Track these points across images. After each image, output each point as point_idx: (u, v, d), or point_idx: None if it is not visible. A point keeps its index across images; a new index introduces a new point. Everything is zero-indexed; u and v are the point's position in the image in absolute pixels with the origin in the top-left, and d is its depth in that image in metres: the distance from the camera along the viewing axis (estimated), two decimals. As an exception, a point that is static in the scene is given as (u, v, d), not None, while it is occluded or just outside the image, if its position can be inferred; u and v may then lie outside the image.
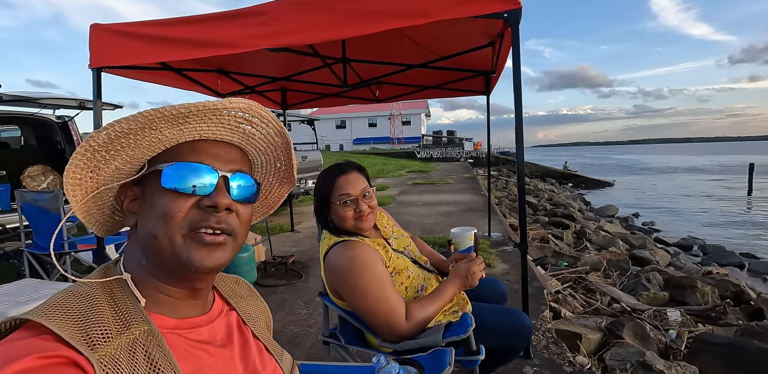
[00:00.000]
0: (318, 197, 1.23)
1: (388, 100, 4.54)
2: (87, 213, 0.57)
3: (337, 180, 1.23)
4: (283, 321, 2.54)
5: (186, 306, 0.57)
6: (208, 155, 0.55)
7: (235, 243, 0.56)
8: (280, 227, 5.57)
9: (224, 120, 0.54)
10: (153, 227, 0.52)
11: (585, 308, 3.66)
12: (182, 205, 0.52)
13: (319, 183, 1.24)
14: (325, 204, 1.21)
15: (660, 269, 5.27)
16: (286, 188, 0.72)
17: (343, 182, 1.22)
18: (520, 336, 1.19)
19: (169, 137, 0.53)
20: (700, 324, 3.51)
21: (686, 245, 8.52)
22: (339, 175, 1.23)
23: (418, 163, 24.20)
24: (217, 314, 0.62)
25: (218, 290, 0.67)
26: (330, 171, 1.25)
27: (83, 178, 0.53)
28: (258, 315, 0.70)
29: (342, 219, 1.20)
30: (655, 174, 31.51)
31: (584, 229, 7.69)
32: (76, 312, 0.46)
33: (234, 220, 0.55)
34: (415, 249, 1.42)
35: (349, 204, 1.21)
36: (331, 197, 1.21)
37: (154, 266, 0.54)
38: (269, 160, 0.66)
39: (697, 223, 11.31)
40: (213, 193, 0.53)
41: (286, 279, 3.39)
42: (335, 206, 1.21)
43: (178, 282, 0.55)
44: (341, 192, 1.21)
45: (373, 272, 1.08)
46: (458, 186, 11.10)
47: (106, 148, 0.51)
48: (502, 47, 2.65)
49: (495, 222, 5.05)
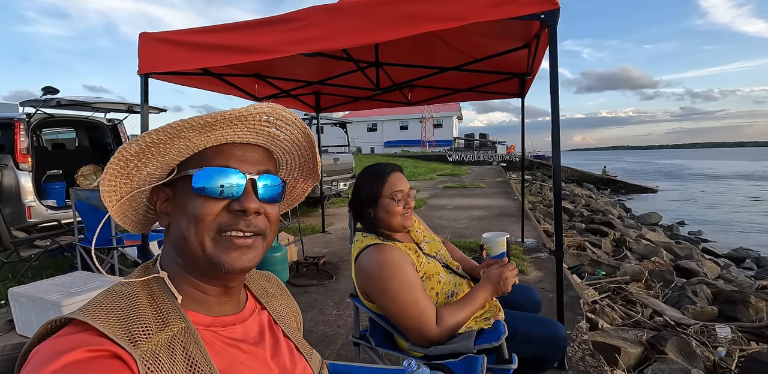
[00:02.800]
0: (365, 192, 1.24)
1: (420, 103, 4.54)
2: (123, 215, 0.60)
3: (391, 176, 1.26)
4: (314, 321, 2.58)
5: (220, 304, 0.59)
6: (234, 158, 0.56)
7: (265, 242, 0.58)
8: (311, 228, 5.67)
9: (249, 124, 0.55)
10: (185, 229, 0.54)
11: (624, 320, 3.49)
12: (212, 208, 0.54)
13: (367, 179, 1.26)
14: (373, 200, 1.23)
15: (708, 282, 4.96)
16: (310, 183, 0.73)
17: (396, 179, 1.26)
18: (554, 346, 1.15)
19: (197, 143, 0.55)
20: (753, 342, 3.27)
21: (738, 257, 7.95)
22: (391, 171, 1.27)
23: (449, 167, 23.96)
24: (250, 313, 0.64)
25: (250, 289, 0.69)
26: (380, 168, 1.28)
27: (118, 184, 0.55)
28: (288, 315, 0.72)
29: (392, 215, 1.22)
30: (704, 180, 29.62)
31: (624, 237, 7.35)
32: (119, 311, 0.49)
33: (263, 222, 0.57)
34: (447, 254, 1.41)
35: (400, 200, 1.24)
36: (383, 192, 1.23)
37: (188, 265, 0.56)
38: (294, 158, 0.67)
39: (751, 234, 10.52)
40: (242, 197, 0.55)
41: (317, 279, 3.45)
42: (387, 201, 1.23)
43: (211, 280, 0.57)
44: (395, 188, 1.24)
45: (404, 276, 1.08)
46: (490, 190, 10.89)
47: (138, 157, 0.53)
48: (538, 49, 2.59)
49: (529, 228, 4.91)
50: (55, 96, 4.28)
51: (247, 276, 0.69)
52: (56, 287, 2.26)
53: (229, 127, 0.54)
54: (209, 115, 0.51)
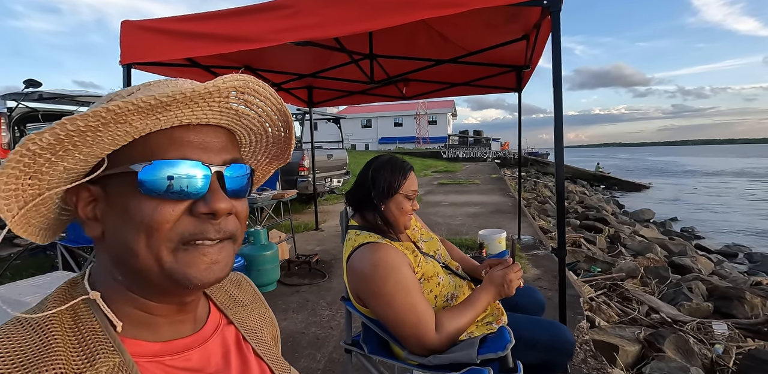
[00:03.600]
0: (384, 184, 1.16)
1: (416, 97, 4.45)
2: (27, 224, 0.45)
3: (411, 173, 1.23)
4: (305, 322, 2.50)
5: (172, 324, 0.47)
6: (192, 146, 0.44)
7: (236, 245, 0.48)
8: (304, 225, 5.57)
9: (213, 102, 0.43)
10: (131, 241, 0.41)
11: (621, 317, 3.46)
12: (169, 214, 0.41)
13: (388, 171, 1.19)
14: (389, 194, 1.17)
15: (703, 278, 4.95)
16: (275, 165, 0.62)
17: (413, 177, 1.24)
18: (561, 352, 1.08)
19: (140, 128, 0.41)
20: (749, 339, 3.25)
21: (730, 253, 8.00)
22: (411, 170, 1.24)
23: (443, 163, 23.93)
24: (212, 331, 0.52)
25: (213, 299, 0.57)
26: (401, 163, 1.23)
27: (20, 187, 0.41)
28: (262, 327, 0.60)
29: (402, 213, 1.18)
30: (696, 177, 29.90)
31: (618, 234, 7.35)
32: (19, 355, 0.37)
33: (234, 223, 0.46)
34: (445, 253, 1.33)
35: (413, 200, 1.21)
36: (402, 188, 1.18)
37: (134, 283, 0.44)
38: (261, 138, 0.55)
39: (742, 230, 10.61)
40: (208, 196, 0.43)
41: (310, 278, 3.36)
42: (401, 198, 1.18)
43: (165, 297, 0.46)
44: (412, 187, 1.21)
45: (400, 278, 0.99)
46: (485, 186, 10.86)
47: (52, 150, 0.39)
48: (537, 40, 2.51)
49: (525, 225, 4.86)
50: (38, 89, 4.13)
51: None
52: (33, 288, 2.15)
53: (187, 106, 0.41)
54: (164, 93, 0.38)
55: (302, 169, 5.99)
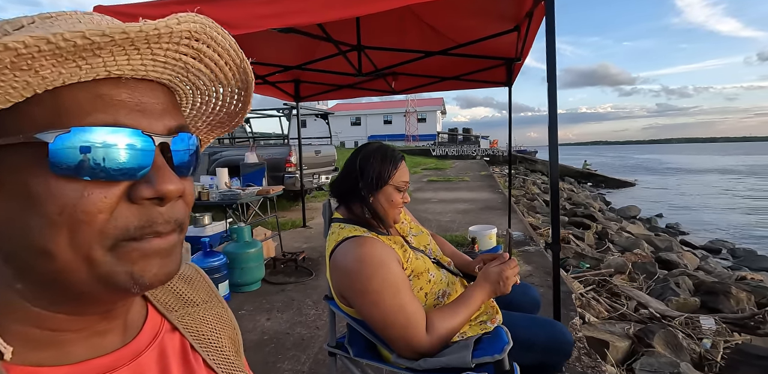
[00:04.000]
0: (373, 174, 1.08)
1: (405, 91, 4.37)
2: None
3: (402, 164, 1.15)
4: (290, 322, 2.41)
5: (89, 338, 0.35)
6: (126, 108, 0.32)
7: (183, 234, 0.37)
8: (291, 223, 5.47)
9: (159, 50, 0.31)
10: (42, 238, 0.30)
11: (610, 313, 3.45)
12: (102, 202, 0.30)
13: (378, 160, 1.10)
14: (378, 185, 1.08)
15: (689, 273, 4.99)
16: (215, 133, 0.48)
17: (405, 168, 1.16)
18: (559, 352, 1.02)
19: (48, 78, 0.28)
20: (736, 333, 3.27)
21: (714, 248, 8.13)
22: (402, 160, 1.16)
23: (433, 161, 23.93)
24: (148, 342, 0.40)
25: (151, 301, 0.45)
26: (392, 152, 1.15)
27: None
28: (218, 330, 0.48)
29: (392, 206, 1.11)
30: (679, 174, 30.48)
31: (606, 230, 7.40)
32: None
33: (183, 209, 0.36)
34: (436, 248, 1.25)
35: (403, 192, 1.14)
36: (393, 179, 1.11)
37: (43, 293, 0.32)
38: (207, 100, 0.42)
39: (725, 226, 10.81)
40: (152, 176, 0.32)
41: (296, 276, 3.27)
42: (392, 190, 1.10)
43: (90, 307, 0.34)
44: (403, 178, 1.14)
45: (388, 274, 0.92)
46: (475, 183, 10.86)
47: None
48: (529, 30, 2.45)
49: (515, 221, 4.84)
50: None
51: None
52: None
53: (124, 51, 0.29)
54: (97, 31, 0.26)
55: (289, 165, 5.88)
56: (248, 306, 2.67)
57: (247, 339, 2.21)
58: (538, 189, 14.26)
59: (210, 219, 3.73)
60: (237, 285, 2.87)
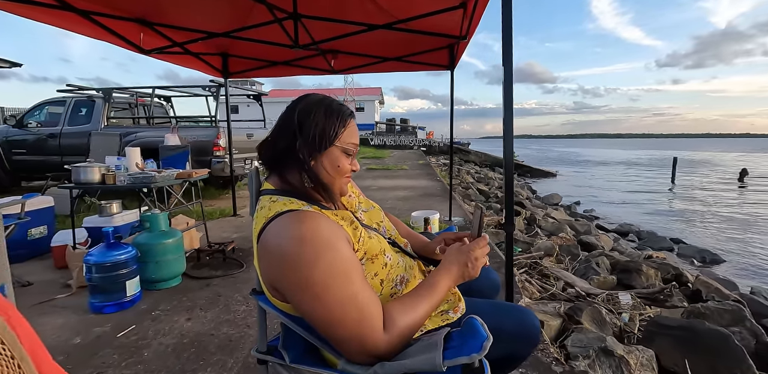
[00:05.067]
0: (316, 130, 0.85)
1: (345, 71, 4.13)
2: None
3: (351, 122, 0.92)
4: (216, 322, 2.11)
5: None
6: None
7: None
8: (220, 211, 5.02)
9: None
10: None
11: (542, 293, 3.59)
12: None
13: (321, 114, 0.87)
14: (322, 145, 0.86)
15: (606, 254, 5.41)
16: None
17: (355, 128, 0.93)
18: (527, 340, 0.91)
19: None
20: (648, 306, 3.57)
21: (623, 231, 9.01)
22: (352, 117, 0.92)
23: (371, 150, 23.87)
24: None
25: None
26: (338, 105, 0.91)
27: None
28: None
29: (339, 173, 0.89)
30: (593, 166, 33.63)
31: (534, 216, 7.84)
32: None
33: None
34: (391, 226, 1.06)
35: (352, 157, 0.93)
36: (340, 139, 0.88)
37: None
38: None
39: (630, 211, 12.09)
40: None
41: (224, 269, 2.95)
42: (339, 153, 0.88)
43: None
44: (353, 139, 0.91)
45: (335, 258, 0.71)
46: (413, 172, 10.95)
47: None
48: (476, 8, 2.36)
49: (454, 207, 4.87)
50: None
51: None
52: None
53: None
54: None
55: (217, 148, 5.35)
56: (164, 305, 2.32)
57: (161, 343, 1.89)
58: (472, 178, 14.82)
59: (119, 207, 3.23)
60: (151, 282, 2.48)
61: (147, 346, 1.85)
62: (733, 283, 5.16)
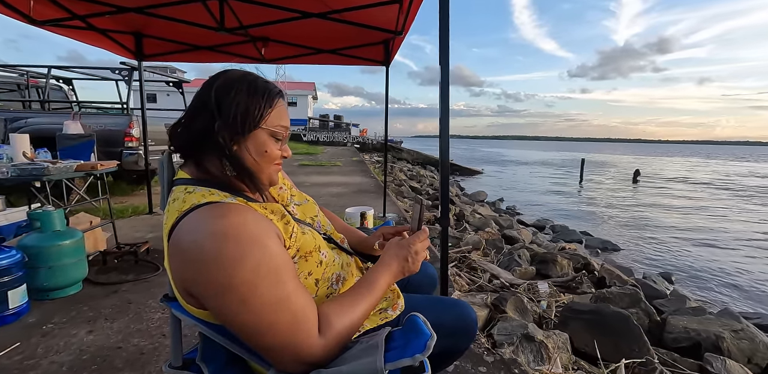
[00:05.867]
0: (238, 110, 0.73)
1: (277, 60, 3.93)
2: None
3: (280, 101, 0.79)
4: (125, 332, 1.86)
5: None
6: None
7: None
8: (133, 209, 4.52)
9: None
10: None
11: (470, 286, 3.74)
12: None
13: (244, 91, 0.74)
14: (245, 128, 0.74)
15: (527, 246, 5.82)
16: None
17: (284, 109, 0.81)
18: (465, 334, 0.90)
19: None
20: (563, 293, 3.89)
21: (540, 225, 9.81)
22: (280, 96, 0.80)
23: (304, 146, 23.33)
24: None
25: None
26: (267, 85, 0.78)
27: None
28: None
29: (267, 158, 0.77)
30: (514, 165, 36.24)
31: (463, 212, 8.20)
32: None
33: None
34: (326, 221, 0.98)
35: (282, 142, 0.81)
36: (267, 121, 0.76)
37: None
38: None
39: (546, 206, 13.22)
40: None
41: (136, 273, 2.64)
42: (266, 137, 0.76)
43: None
44: (282, 121, 0.79)
45: (264, 256, 0.62)
46: (347, 168, 10.87)
47: None
48: (412, 4, 2.35)
49: (389, 204, 4.89)
50: None
51: None
52: None
53: None
54: None
55: (129, 139, 4.80)
56: (60, 316, 1.99)
57: (54, 362, 1.62)
58: (405, 176, 15.12)
59: (2, 204, 2.75)
60: (43, 291, 2.13)
61: (35, 367, 1.57)
62: (629, 270, 5.86)
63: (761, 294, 5.69)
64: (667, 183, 22.39)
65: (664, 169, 35.76)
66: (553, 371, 2.19)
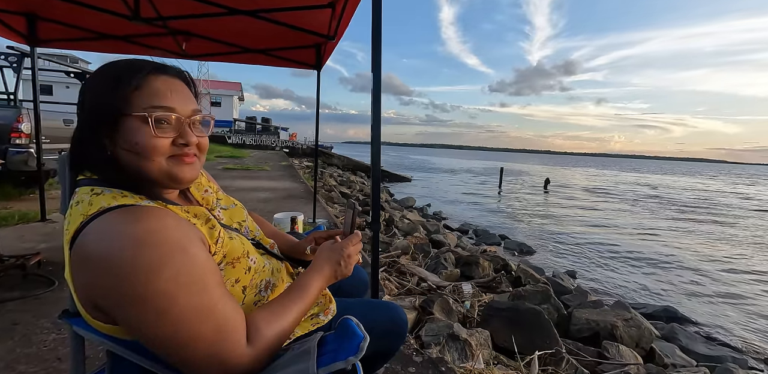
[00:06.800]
0: (94, 104, 0.62)
1: (200, 57, 3.70)
2: None
3: (157, 78, 0.66)
4: (8, 359, 1.58)
5: None
6: None
7: None
8: (20, 215, 3.91)
9: None
10: None
11: (399, 289, 3.82)
12: None
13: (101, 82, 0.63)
14: (106, 122, 0.62)
15: (452, 250, 6.10)
16: None
17: (161, 85, 0.66)
18: (397, 335, 0.91)
19: None
20: (484, 293, 4.14)
21: (464, 229, 10.36)
22: (153, 72, 0.66)
23: (228, 149, 22.12)
24: None
25: None
26: (136, 63, 0.66)
27: None
28: None
29: (147, 150, 0.63)
30: (441, 172, 37.94)
31: (392, 217, 8.37)
32: None
33: None
34: (255, 226, 0.93)
35: (166, 126, 0.65)
36: (133, 104, 0.63)
37: None
38: None
39: (469, 212, 14.01)
40: None
41: (24, 289, 2.28)
42: (137, 124, 0.63)
43: None
44: (157, 101, 0.64)
45: (185, 263, 0.57)
46: (276, 173, 10.50)
47: None
48: (345, 9, 2.37)
49: (319, 209, 4.82)
50: None
51: None
52: None
53: None
54: None
55: (17, 134, 4.16)
56: None
57: None
58: (335, 181, 15.04)
59: None
60: None
61: None
62: (541, 269, 6.41)
63: (647, 285, 6.59)
64: (572, 190, 25.04)
65: (569, 177, 39.97)
66: (476, 367, 2.31)
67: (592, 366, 2.85)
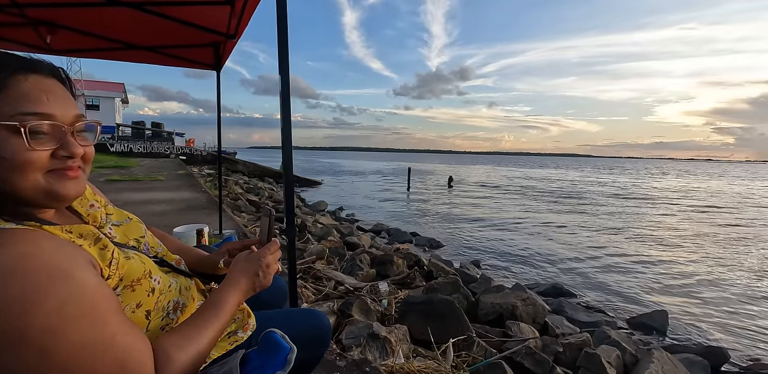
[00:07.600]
0: None
1: (70, 52, 3.21)
2: None
3: (15, 79, 0.55)
4: None
5: None
6: None
7: None
8: None
9: None
10: None
11: (317, 295, 3.77)
12: None
13: None
14: None
15: (367, 250, 6.21)
16: None
17: (32, 86, 0.56)
18: (320, 341, 0.89)
19: None
20: (400, 290, 4.30)
21: (377, 230, 10.60)
22: (20, 70, 0.56)
23: (112, 158, 19.51)
24: None
25: None
26: None
27: None
28: None
29: (21, 167, 0.55)
30: (351, 175, 38.25)
31: (305, 223, 8.21)
32: None
33: None
34: (156, 242, 0.84)
35: (43, 136, 0.56)
36: None
37: None
38: None
39: (381, 212, 14.38)
40: None
41: None
42: (3, 133, 0.53)
43: None
44: (30, 107, 0.55)
45: (74, 293, 0.50)
46: (172, 183, 9.55)
47: None
48: (246, 8, 2.27)
49: (225, 219, 4.51)
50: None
51: None
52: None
53: None
54: None
55: None
56: None
57: None
58: (241, 189, 14.22)
59: None
60: None
61: None
62: (450, 261, 6.86)
63: (539, 265, 7.46)
64: (472, 186, 27.21)
65: (469, 175, 43.35)
66: (397, 363, 2.39)
67: (499, 345, 3.14)
